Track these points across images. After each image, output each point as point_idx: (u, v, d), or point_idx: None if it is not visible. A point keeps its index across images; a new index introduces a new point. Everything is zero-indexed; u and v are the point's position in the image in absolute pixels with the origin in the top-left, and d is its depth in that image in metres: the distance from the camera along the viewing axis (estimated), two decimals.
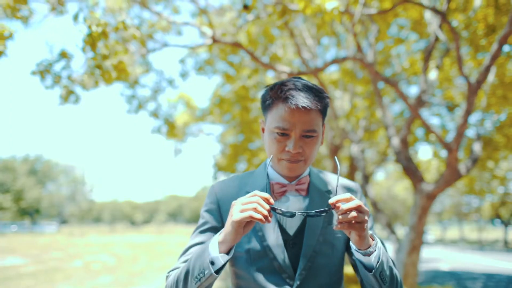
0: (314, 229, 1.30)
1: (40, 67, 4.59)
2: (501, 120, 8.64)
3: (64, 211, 72.84)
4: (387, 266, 1.19)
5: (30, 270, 12.65)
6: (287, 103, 1.20)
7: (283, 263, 1.27)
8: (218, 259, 1.15)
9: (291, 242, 1.30)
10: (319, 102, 1.23)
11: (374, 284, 1.17)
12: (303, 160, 1.27)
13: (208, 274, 1.14)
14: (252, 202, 1.09)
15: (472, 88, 4.61)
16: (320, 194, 1.37)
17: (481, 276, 13.26)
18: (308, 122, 1.22)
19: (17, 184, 57.54)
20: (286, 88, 1.23)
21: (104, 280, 10.84)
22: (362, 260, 1.17)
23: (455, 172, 4.98)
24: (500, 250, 29.72)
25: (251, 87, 10.55)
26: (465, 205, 39.77)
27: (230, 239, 1.13)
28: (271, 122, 1.26)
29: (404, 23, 8.97)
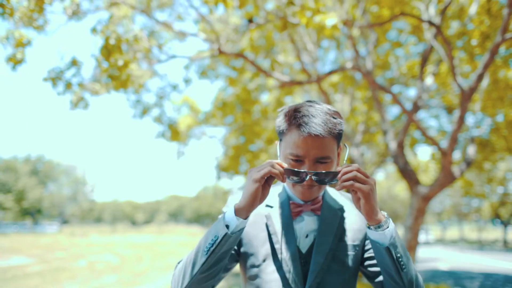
0: (323, 246, 1.32)
1: (52, 74, 4.82)
2: (498, 122, 8.85)
3: (65, 211, 73.08)
4: (403, 250, 1.18)
5: (36, 270, 12.89)
6: (300, 131, 1.21)
7: (297, 277, 1.28)
8: (233, 221, 1.16)
9: (303, 261, 1.32)
10: (333, 128, 1.23)
11: (391, 266, 1.16)
12: (317, 186, 1.29)
13: (222, 236, 1.14)
14: (268, 163, 1.16)
15: (465, 95, 4.83)
16: (333, 213, 1.38)
17: (479, 275, 13.45)
18: (321, 149, 1.22)
19: (19, 184, 57.75)
20: (299, 115, 1.23)
21: (109, 280, 11.06)
22: (376, 238, 1.17)
23: (449, 175, 5.20)
24: (500, 250, 29.89)
25: (253, 90, 10.76)
26: (465, 205, 39.94)
27: (248, 202, 1.14)
28: (285, 148, 1.27)
29: (403, 26, 9.18)
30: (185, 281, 1.20)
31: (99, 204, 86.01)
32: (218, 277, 1.27)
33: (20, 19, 4.37)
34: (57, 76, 4.68)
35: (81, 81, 4.65)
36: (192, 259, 1.20)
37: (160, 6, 6.55)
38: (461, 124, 4.85)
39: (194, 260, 1.19)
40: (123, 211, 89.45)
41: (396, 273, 1.16)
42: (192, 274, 1.18)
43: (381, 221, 1.15)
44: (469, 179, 18.84)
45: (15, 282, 10.26)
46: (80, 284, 10.17)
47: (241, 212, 1.16)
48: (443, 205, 42.84)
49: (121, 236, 46.71)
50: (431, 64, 7.56)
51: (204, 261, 1.16)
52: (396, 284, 1.18)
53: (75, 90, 4.62)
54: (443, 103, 10.28)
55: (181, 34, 5.30)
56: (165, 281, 10.94)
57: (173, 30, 5.19)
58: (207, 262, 1.16)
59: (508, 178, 28.77)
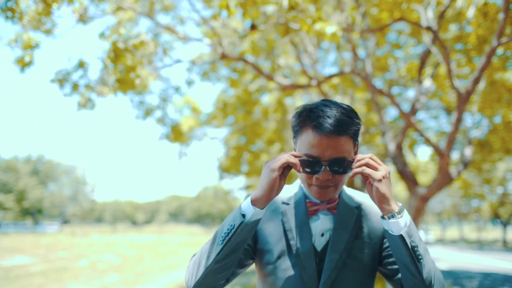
0: (338, 244, 1.31)
1: (59, 75, 4.94)
2: (496, 123, 8.96)
3: (65, 211, 73.24)
4: (420, 240, 1.16)
5: (39, 269, 13.01)
6: (315, 131, 1.20)
7: (312, 274, 1.29)
8: (249, 210, 1.17)
9: (318, 259, 1.32)
10: (348, 128, 1.21)
11: (406, 256, 1.14)
12: (334, 186, 1.28)
13: (238, 224, 1.15)
14: (284, 153, 1.19)
15: (462, 98, 4.94)
16: (348, 210, 1.37)
17: (477, 275, 13.56)
18: (337, 149, 1.20)
19: (20, 185, 57.89)
20: (314, 115, 1.21)
21: (111, 279, 11.18)
22: (390, 228, 1.16)
23: (447, 176, 5.32)
24: (499, 250, 30.00)
25: (254, 91, 10.88)
26: (465, 205, 40.08)
27: (266, 191, 1.15)
28: (300, 148, 1.26)
29: (402, 28, 9.28)
30: (200, 272, 1.20)
31: (99, 204, 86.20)
32: (233, 271, 1.29)
33: (28, 23, 4.49)
34: (64, 77, 4.81)
35: (88, 82, 4.78)
36: (207, 249, 1.21)
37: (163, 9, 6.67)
38: (457, 126, 4.97)
39: (209, 250, 1.20)
40: (124, 211, 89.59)
41: (412, 263, 1.13)
42: (207, 264, 1.18)
43: (394, 210, 1.14)
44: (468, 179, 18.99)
45: (19, 281, 10.38)
46: (83, 284, 10.29)
47: (258, 202, 1.17)
48: (443, 205, 43.02)
49: (121, 236, 46.85)
50: (430, 66, 7.68)
51: (219, 250, 1.17)
52: (414, 277, 1.15)
53: (82, 92, 4.75)
54: (443, 103, 10.38)
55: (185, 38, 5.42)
56: (167, 281, 11.06)
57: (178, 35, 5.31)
58: (222, 252, 1.16)
59: (507, 178, 28.96)
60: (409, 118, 5.31)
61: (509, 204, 33.82)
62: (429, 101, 10.60)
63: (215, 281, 1.22)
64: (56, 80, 4.75)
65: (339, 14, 4.30)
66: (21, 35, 4.43)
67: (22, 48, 4.53)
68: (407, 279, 1.18)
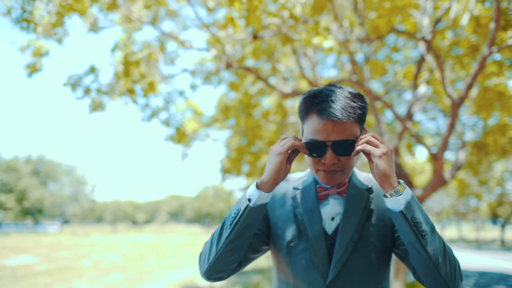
0: (348, 227, 1.31)
1: (71, 80, 5.19)
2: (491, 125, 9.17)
3: (66, 211, 73.44)
4: (424, 217, 1.15)
5: (44, 269, 13.24)
6: (319, 116, 1.21)
7: (322, 258, 1.29)
8: (255, 194, 1.20)
9: (329, 242, 1.32)
10: (353, 112, 1.21)
11: (410, 233, 1.13)
12: (341, 171, 1.29)
13: (244, 208, 1.19)
14: (290, 136, 1.24)
15: (455, 104, 5.18)
16: (359, 193, 1.37)
17: (474, 273, 13.77)
18: (342, 133, 1.20)
19: (20, 185, 58.09)
20: (318, 100, 1.22)
21: (115, 278, 11.39)
22: (391, 206, 1.15)
23: (441, 178, 5.55)
24: (497, 249, 30.17)
25: (254, 94, 11.12)
26: (463, 205, 40.28)
27: (272, 175, 1.20)
28: (306, 133, 1.27)
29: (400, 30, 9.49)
30: (211, 256, 1.24)
31: (100, 204, 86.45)
32: (245, 256, 1.35)
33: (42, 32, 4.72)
34: (76, 82, 5.06)
35: (99, 87, 5.04)
36: (217, 234, 1.25)
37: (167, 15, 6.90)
38: (451, 131, 5.21)
39: (219, 235, 1.24)
40: (124, 211, 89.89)
41: (416, 240, 1.12)
42: (218, 247, 1.22)
43: (395, 187, 1.14)
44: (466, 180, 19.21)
45: (25, 280, 10.61)
46: (88, 282, 10.51)
47: (264, 186, 1.20)
48: (442, 205, 43.23)
49: (122, 236, 47.04)
50: (426, 71, 7.91)
51: (228, 234, 1.20)
52: (420, 254, 1.13)
53: (94, 96, 5.01)
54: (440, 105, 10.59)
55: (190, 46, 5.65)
56: (170, 280, 11.28)
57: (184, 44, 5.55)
58: (231, 235, 1.20)
59: (505, 178, 29.20)
60: (404, 123, 5.54)
61: (507, 203, 34.08)
62: (427, 103, 10.82)
63: (226, 264, 1.26)
64: (69, 84, 5.00)
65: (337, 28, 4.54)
66: (33, 42, 4.66)
67: (32, 55, 4.77)
68: (414, 256, 1.17)
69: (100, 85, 4.99)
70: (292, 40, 4.51)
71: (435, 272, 1.13)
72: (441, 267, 1.13)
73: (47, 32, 4.64)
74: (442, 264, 1.13)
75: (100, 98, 5.03)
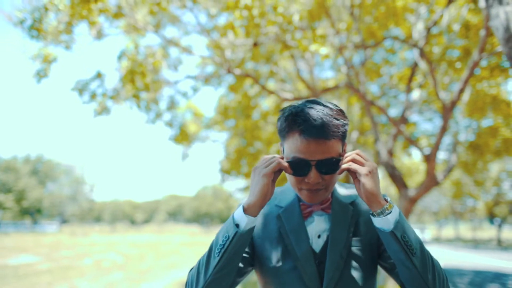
0: (337, 244, 1.28)
1: (78, 85, 5.39)
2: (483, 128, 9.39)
3: (65, 211, 73.51)
4: (413, 234, 1.14)
5: (45, 268, 13.42)
6: (302, 136, 1.17)
7: (312, 277, 1.26)
8: (243, 219, 1.16)
9: (318, 260, 1.29)
10: (337, 130, 1.18)
11: (400, 252, 1.12)
12: (324, 189, 1.26)
13: (233, 235, 1.14)
14: (273, 156, 1.20)
15: (447, 108, 5.39)
16: (343, 208, 1.35)
17: (470, 272, 13.97)
18: (326, 152, 1.18)
19: (19, 184, 58.13)
20: (300, 119, 1.17)
21: (116, 277, 11.57)
22: (380, 225, 1.14)
23: (433, 179, 5.76)
24: (494, 248, 30.38)
25: (253, 96, 11.33)
26: (461, 205, 40.49)
27: (258, 198, 1.15)
28: (288, 152, 1.22)
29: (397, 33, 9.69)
30: (200, 284, 1.19)
31: (98, 204, 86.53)
32: (233, 281, 1.27)
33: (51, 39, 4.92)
34: (83, 87, 5.27)
35: (105, 91, 5.26)
36: (204, 262, 1.19)
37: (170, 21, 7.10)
38: (442, 134, 5.41)
39: (206, 263, 1.18)
40: (123, 211, 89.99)
41: (406, 258, 1.11)
42: (207, 275, 1.17)
43: (382, 206, 1.13)
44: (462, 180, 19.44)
45: (27, 279, 10.78)
46: (89, 281, 10.68)
47: (251, 210, 1.16)
48: (439, 205, 43.46)
49: (121, 236, 47.17)
50: (420, 74, 8.12)
51: (217, 262, 1.15)
52: (410, 271, 1.13)
53: (99, 100, 5.22)
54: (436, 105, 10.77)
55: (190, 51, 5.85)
56: (170, 279, 11.46)
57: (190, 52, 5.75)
58: (220, 263, 1.15)
59: (502, 178, 29.46)
60: (398, 126, 5.75)
61: (504, 203, 34.35)
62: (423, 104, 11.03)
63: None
64: (76, 89, 5.21)
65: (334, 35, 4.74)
66: (42, 49, 4.86)
67: (41, 62, 4.97)
68: (403, 273, 1.16)
69: (105, 90, 5.20)
70: (291, 47, 4.71)
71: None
72: (430, 283, 1.13)
73: (55, 39, 4.83)
74: (432, 280, 1.13)
75: (105, 102, 5.24)
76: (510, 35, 2.47)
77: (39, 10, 4.29)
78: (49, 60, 5.01)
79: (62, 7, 4.27)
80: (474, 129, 9.77)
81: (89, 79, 5.12)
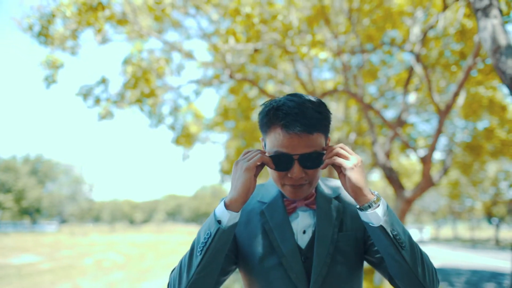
0: (323, 239, 1.26)
1: (83, 90, 5.55)
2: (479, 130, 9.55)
3: (64, 211, 73.55)
4: (401, 227, 1.12)
5: (47, 267, 13.56)
6: (284, 130, 1.14)
7: (299, 274, 1.23)
8: (225, 215, 1.11)
9: (304, 256, 1.26)
10: (319, 123, 1.16)
11: (389, 246, 1.10)
12: (308, 184, 1.23)
13: (214, 232, 1.10)
14: (255, 150, 1.17)
15: (442, 112, 5.55)
16: (329, 203, 1.32)
17: (467, 272, 14.12)
18: (308, 145, 1.15)
19: (19, 184, 58.18)
20: (281, 114, 1.14)
21: (117, 276, 11.71)
22: (368, 219, 1.12)
23: (429, 180, 5.92)
24: (491, 248, 30.52)
25: (253, 98, 11.49)
26: (459, 205, 40.64)
27: (240, 193, 1.11)
28: (270, 147, 1.20)
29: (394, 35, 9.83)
30: (182, 285, 1.15)
31: (97, 204, 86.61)
32: (216, 280, 1.23)
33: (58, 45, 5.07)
34: (87, 92, 5.42)
35: (109, 97, 5.42)
36: (186, 262, 1.15)
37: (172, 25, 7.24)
38: (437, 137, 5.57)
39: (189, 262, 1.14)
40: (122, 211, 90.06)
41: (396, 252, 1.09)
42: (189, 275, 1.13)
43: (370, 200, 1.10)
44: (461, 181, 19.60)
45: (30, 278, 10.93)
46: (91, 280, 10.82)
47: (233, 206, 1.12)
48: (437, 205, 43.60)
49: (120, 235, 47.23)
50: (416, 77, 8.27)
51: (200, 261, 1.11)
52: (400, 265, 1.11)
53: (104, 105, 5.38)
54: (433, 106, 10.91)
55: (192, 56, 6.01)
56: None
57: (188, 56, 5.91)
58: (202, 262, 1.11)
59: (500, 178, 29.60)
60: (394, 129, 5.91)
61: (502, 203, 34.51)
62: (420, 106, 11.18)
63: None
64: (81, 94, 5.36)
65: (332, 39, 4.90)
66: (50, 56, 5.01)
67: (49, 68, 5.12)
68: (393, 267, 1.14)
69: (109, 95, 5.36)
70: (290, 53, 4.87)
71: (416, 281, 1.12)
72: (420, 276, 1.12)
73: (62, 45, 4.98)
74: (421, 272, 1.12)
75: (109, 107, 5.40)
76: (497, 46, 2.62)
77: (46, 17, 4.44)
78: (57, 66, 5.16)
79: (69, 14, 4.42)
80: (470, 131, 9.92)
81: (94, 84, 5.27)
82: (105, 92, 5.39)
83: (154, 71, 4.88)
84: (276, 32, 4.60)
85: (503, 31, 2.63)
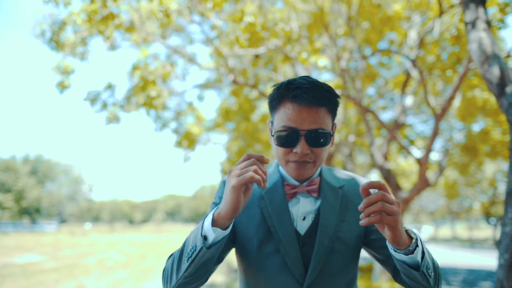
0: (327, 228, 1.25)
1: (90, 95, 5.75)
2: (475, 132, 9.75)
3: (63, 211, 73.73)
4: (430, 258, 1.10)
5: (51, 266, 13.74)
6: (294, 102, 1.16)
7: (296, 261, 1.22)
8: (210, 233, 1.06)
9: (302, 242, 1.25)
10: (328, 100, 1.18)
11: (421, 280, 1.08)
12: (312, 162, 1.22)
13: (199, 249, 1.06)
14: (250, 164, 1.04)
15: (437, 116, 5.75)
16: (333, 191, 1.31)
17: (463, 271, 14.33)
18: (316, 121, 1.16)
19: (18, 184, 58.36)
20: (293, 87, 1.17)
21: (120, 275, 11.88)
22: (405, 260, 1.06)
23: (425, 181, 6.13)
24: (489, 248, 30.72)
25: (253, 99, 11.68)
26: (457, 205, 40.83)
27: (228, 210, 1.04)
28: (278, 122, 1.20)
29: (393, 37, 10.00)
30: (173, 282, 1.15)
31: (97, 204, 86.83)
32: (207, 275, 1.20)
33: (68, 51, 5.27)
34: (94, 97, 5.62)
35: (115, 101, 5.62)
36: (176, 263, 1.14)
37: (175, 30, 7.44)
38: (433, 139, 5.77)
39: (178, 263, 1.13)
40: (121, 210, 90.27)
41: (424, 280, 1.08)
42: (178, 277, 1.13)
43: (409, 245, 1.03)
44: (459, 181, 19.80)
45: (36, 277, 11.10)
46: (95, 279, 10.99)
47: (220, 222, 1.06)
48: (436, 205, 43.80)
49: (120, 235, 47.35)
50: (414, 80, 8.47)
51: (186, 268, 1.10)
52: (421, 285, 1.11)
53: (110, 110, 5.58)
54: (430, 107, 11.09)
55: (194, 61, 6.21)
56: None
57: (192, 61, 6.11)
58: (189, 269, 1.10)
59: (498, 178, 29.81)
60: (392, 132, 6.11)
61: (500, 203, 34.70)
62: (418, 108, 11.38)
63: None
64: (88, 99, 5.56)
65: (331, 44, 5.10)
66: (61, 62, 5.20)
67: (61, 73, 5.32)
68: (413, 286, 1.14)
69: (116, 100, 5.58)
70: (291, 59, 5.07)
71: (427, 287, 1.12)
72: (432, 283, 1.12)
73: (72, 51, 5.17)
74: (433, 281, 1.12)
75: (116, 111, 5.60)
76: (485, 57, 2.82)
77: (58, 25, 4.63)
78: (68, 72, 5.35)
79: (80, 22, 4.61)
80: (466, 132, 10.11)
81: (101, 90, 5.48)
82: (112, 97, 5.60)
83: (160, 75, 5.08)
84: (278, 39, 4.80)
85: (490, 43, 2.83)
